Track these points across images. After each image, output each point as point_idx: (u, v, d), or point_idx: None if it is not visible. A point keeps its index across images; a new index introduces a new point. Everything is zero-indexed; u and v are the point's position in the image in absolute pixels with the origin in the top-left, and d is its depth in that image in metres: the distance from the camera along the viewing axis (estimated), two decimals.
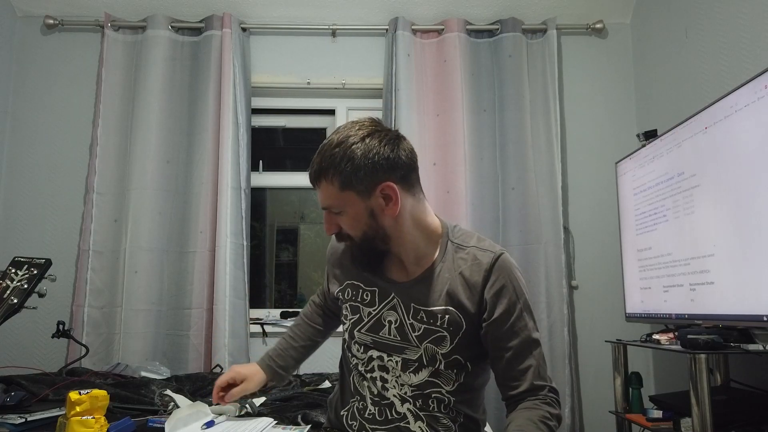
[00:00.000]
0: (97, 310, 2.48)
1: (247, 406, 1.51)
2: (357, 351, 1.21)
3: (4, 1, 2.70)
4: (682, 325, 1.93)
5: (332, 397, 1.34)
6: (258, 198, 3.01)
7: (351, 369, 1.23)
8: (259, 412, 1.50)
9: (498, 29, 2.75)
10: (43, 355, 2.54)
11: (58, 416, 1.17)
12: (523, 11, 2.76)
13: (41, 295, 1.42)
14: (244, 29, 2.77)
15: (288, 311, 2.76)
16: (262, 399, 1.67)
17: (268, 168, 2.92)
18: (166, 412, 1.48)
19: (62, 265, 2.54)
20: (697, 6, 2.29)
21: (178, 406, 1.54)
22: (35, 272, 1.39)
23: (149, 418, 1.40)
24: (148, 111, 2.60)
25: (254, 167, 2.79)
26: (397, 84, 2.63)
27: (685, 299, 1.94)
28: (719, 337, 1.66)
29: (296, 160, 3.13)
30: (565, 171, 2.73)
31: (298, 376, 2.17)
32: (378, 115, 2.74)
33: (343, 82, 2.80)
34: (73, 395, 1.11)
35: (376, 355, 1.18)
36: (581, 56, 2.85)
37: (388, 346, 1.17)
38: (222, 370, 2.32)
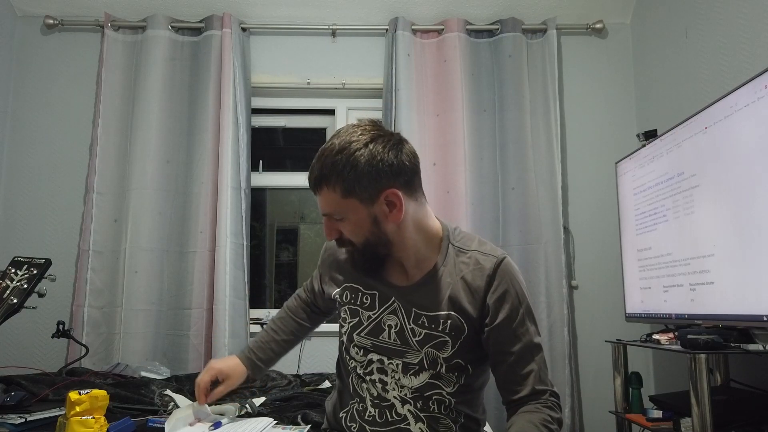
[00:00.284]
0: (97, 310, 2.48)
1: (247, 406, 1.52)
2: (356, 354, 1.20)
3: (4, 1, 2.70)
4: (682, 325, 1.94)
5: (330, 399, 1.32)
6: (258, 198, 3.00)
7: (349, 371, 1.22)
8: (259, 412, 1.50)
9: (498, 29, 2.75)
10: (43, 355, 2.54)
11: (58, 416, 1.17)
12: (523, 11, 2.76)
13: (41, 295, 1.43)
14: (244, 29, 2.77)
15: None
16: (262, 399, 1.67)
17: (268, 168, 2.92)
18: (166, 412, 1.49)
19: (62, 265, 2.54)
20: (697, 6, 2.29)
21: (178, 406, 1.55)
22: (35, 272, 1.39)
23: (149, 418, 1.40)
24: (148, 111, 2.60)
25: (254, 167, 2.79)
26: (397, 84, 2.63)
27: (685, 299, 1.94)
28: (719, 337, 1.66)
29: (296, 160, 3.13)
30: (565, 171, 2.73)
31: (297, 376, 2.17)
32: (378, 115, 2.76)
33: (343, 82, 2.80)
34: (73, 395, 1.12)
35: (375, 358, 1.17)
36: (581, 56, 2.85)
37: (388, 350, 1.16)
38: None
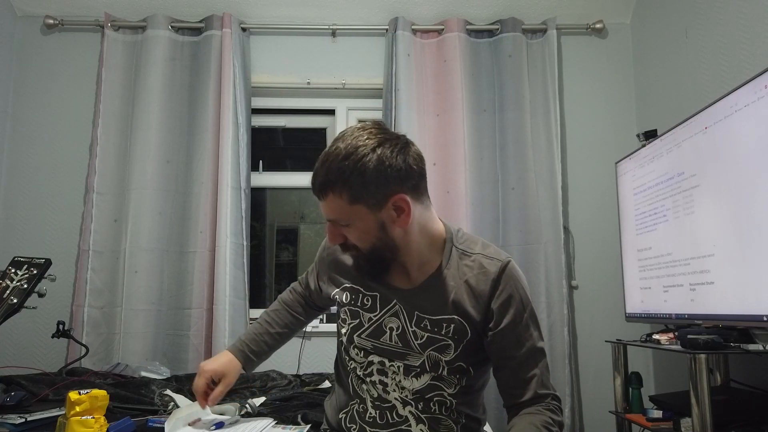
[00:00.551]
0: (97, 310, 2.48)
1: (247, 405, 1.52)
2: (356, 355, 1.19)
3: (4, 1, 2.70)
4: (682, 325, 1.93)
5: (329, 399, 1.31)
6: (258, 198, 3.00)
7: (349, 372, 1.21)
8: (259, 412, 1.50)
9: (498, 29, 2.75)
10: (43, 355, 2.54)
11: (58, 416, 1.17)
12: (523, 11, 2.76)
13: (41, 295, 1.43)
14: (244, 29, 2.77)
15: None
16: (262, 399, 1.67)
17: (268, 168, 2.92)
18: (166, 412, 1.49)
19: (62, 265, 2.54)
20: (697, 6, 2.29)
21: (178, 406, 1.55)
22: (35, 272, 1.39)
23: (149, 418, 1.40)
24: (148, 111, 2.60)
25: (254, 167, 2.79)
26: (397, 84, 2.63)
27: (685, 299, 1.94)
28: (719, 337, 1.66)
29: (296, 160, 3.13)
30: (565, 171, 2.73)
31: (297, 376, 2.17)
32: (378, 115, 2.75)
33: (343, 82, 2.80)
34: (73, 395, 1.12)
35: (376, 360, 1.16)
36: (581, 56, 2.85)
37: (389, 352, 1.15)
38: None
